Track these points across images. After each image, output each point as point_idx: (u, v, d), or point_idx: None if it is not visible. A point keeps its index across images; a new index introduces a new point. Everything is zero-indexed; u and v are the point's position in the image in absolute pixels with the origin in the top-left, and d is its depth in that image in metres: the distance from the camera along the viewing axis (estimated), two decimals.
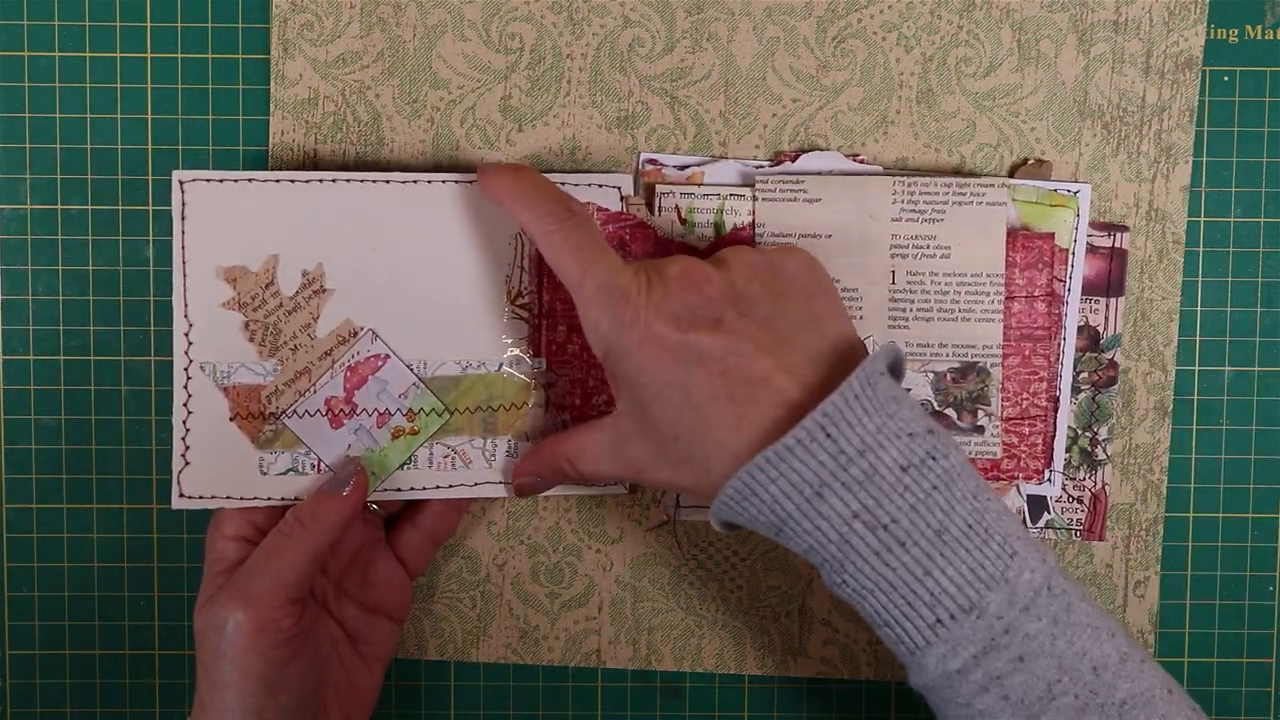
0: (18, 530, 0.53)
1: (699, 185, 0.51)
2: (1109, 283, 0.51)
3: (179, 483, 0.48)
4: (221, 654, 0.44)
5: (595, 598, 0.53)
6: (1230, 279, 0.53)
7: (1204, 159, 0.52)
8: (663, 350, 0.41)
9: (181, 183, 0.48)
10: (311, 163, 0.52)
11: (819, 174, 0.50)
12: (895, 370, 0.42)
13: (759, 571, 0.53)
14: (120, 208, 0.53)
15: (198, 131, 0.52)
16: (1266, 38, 0.52)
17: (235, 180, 0.48)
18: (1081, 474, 0.51)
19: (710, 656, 0.53)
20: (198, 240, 0.48)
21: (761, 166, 0.50)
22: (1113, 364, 0.51)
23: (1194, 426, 0.53)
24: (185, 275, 0.48)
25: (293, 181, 0.48)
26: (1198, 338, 0.53)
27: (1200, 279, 0.53)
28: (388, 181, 0.48)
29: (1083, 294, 0.51)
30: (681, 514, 0.52)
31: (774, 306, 0.42)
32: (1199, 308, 0.53)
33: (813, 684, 0.54)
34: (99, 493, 0.53)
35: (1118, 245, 0.51)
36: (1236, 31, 0.52)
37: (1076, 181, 0.51)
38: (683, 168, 0.51)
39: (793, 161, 0.50)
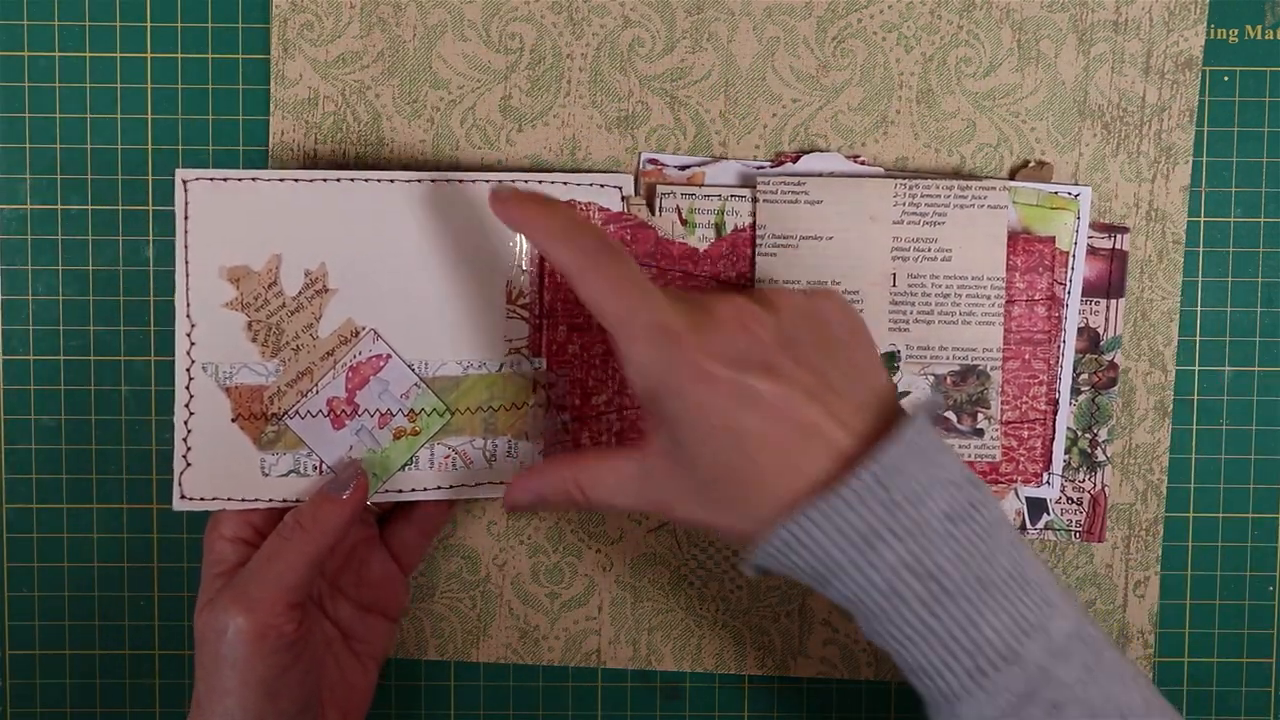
0: (18, 530, 0.53)
1: (700, 186, 0.51)
2: (1109, 284, 0.51)
3: (180, 484, 0.48)
4: (222, 658, 0.44)
5: (595, 598, 0.53)
6: (1230, 279, 0.53)
7: (1204, 159, 0.52)
8: (714, 392, 0.41)
9: (185, 181, 0.48)
10: (311, 162, 0.52)
11: (820, 175, 0.50)
12: (933, 417, 0.43)
13: None
14: (120, 208, 0.53)
15: (198, 131, 0.52)
16: (1266, 38, 0.52)
17: (239, 179, 0.48)
18: (1081, 475, 0.51)
19: (710, 656, 0.53)
20: (200, 240, 0.48)
21: (763, 167, 0.50)
22: (1113, 365, 0.51)
23: (1194, 426, 0.53)
24: (188, 275, 0.48)
25: (296, 181, 0.48)
26: (1198, 338, 0.53)
27: (1200, 279, 0.53)
28: (391, 181, 0.48)
29: (1083, 296, 0.51)
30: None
31: (820, 352, 0.42)
32: (1199, 308, 0.53)
33: (813, 684, 0.54)
34: (99, 493, 0.53)
35: (1118, 247, 0.51)
36: (1236, 31, 0.52)
37: (1077, 183, 0.51)
38: (683, 168, 0.50)
39: (793, 162, 0.50)
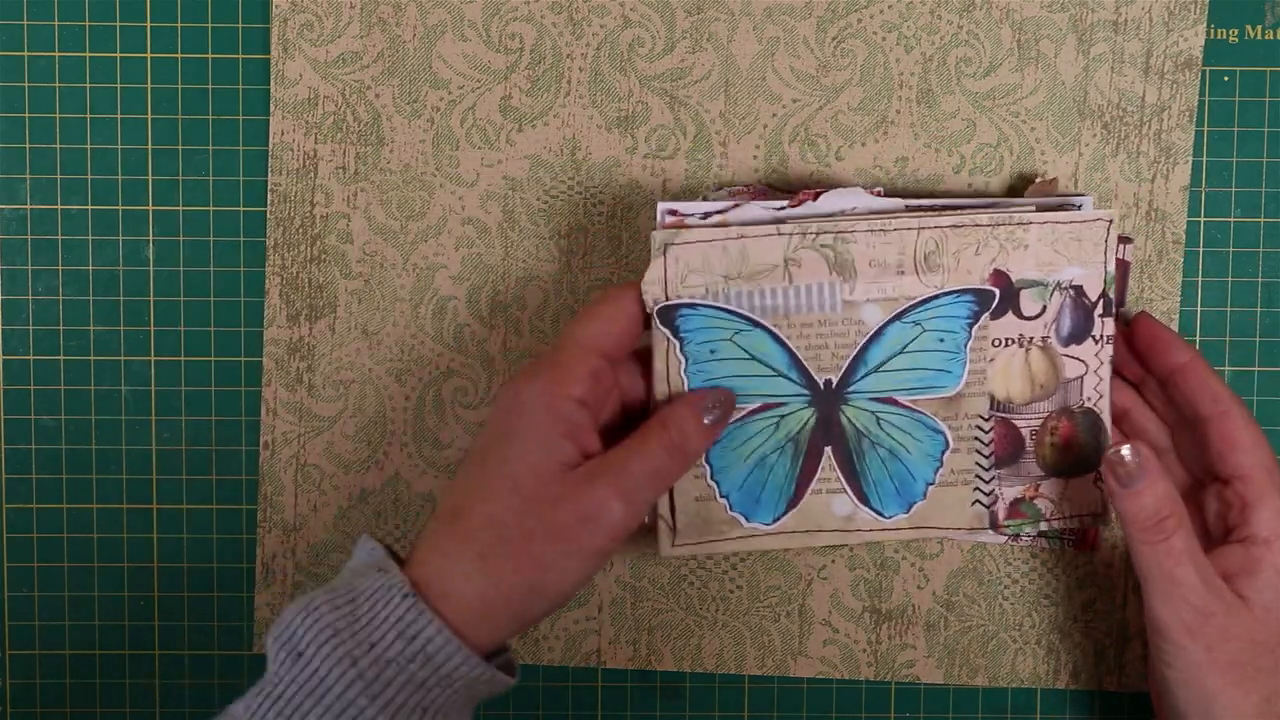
0: (18, 530, 0.53)
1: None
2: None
3: None
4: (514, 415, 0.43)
5: (595, 598, 0.53)
6: (1230, 279, 0.53)
7: (1204, 159, 0.52)
8: None
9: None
10: (312, 163, 0.52)
11: (845, 215, 0.47)
12: None
13: (759, 571, 0.53)
14: (120, 208, 0.53)
15: (198, 131, 0.52)
16: (1266, 38, 0.52)
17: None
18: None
19: (710, 656, 0.53)
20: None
21: (782, 207, 0.47)
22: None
23: None
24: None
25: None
26: (1198, 338, 0.53)
27: (1200, 279, 0.53)
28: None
29: None
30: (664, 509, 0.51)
31: None
32: (1199, 308, 0.53)
33: (813, 684, 0.54)
34: (99, 493, 0.53)
35: (1120, 257, 0.50)
36: (1236, 31, 0.52)
37: (1076, 185, 0.51)
38: (706, 215, 0.47)
39: (814, 200, 0.48)
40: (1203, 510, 0.48)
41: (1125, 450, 0.45)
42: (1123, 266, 0.51)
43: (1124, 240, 0.51)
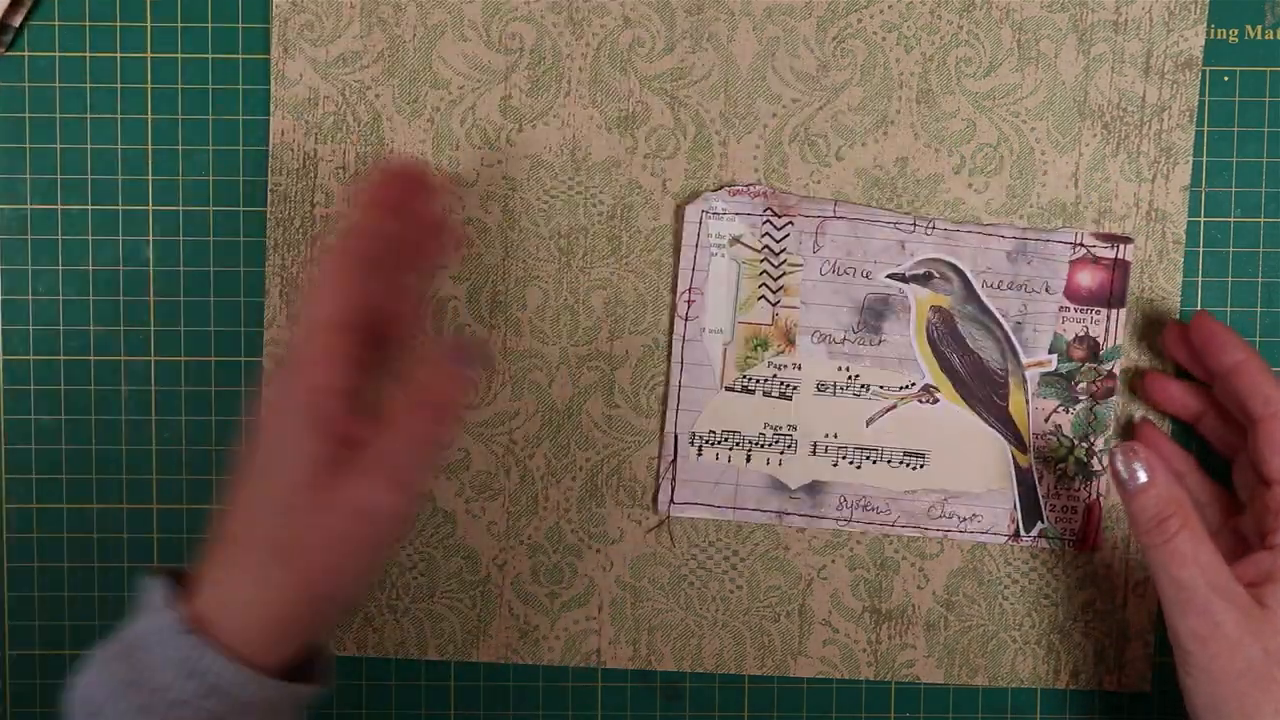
0: (18, 530, 0.53)
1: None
2: (1110, 294, 0.51)
3: None
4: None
5: (595, 598, 0.53)
6: (1230, 279, 0.53)
7: (1204, 159, 0.52)
8: None
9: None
10: (312, 163, 0.52)
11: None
12: None
13: (759, 571, 0.53)
14: (120, 208, 0.53)
15: (198, 131, 0.52)
16: (1266, 38, 0.52)
17: None
18: (1077, 484, 0.51)
19: (710, 656, 0.53)
20: None
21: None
22: (1111, 375, 0.51)
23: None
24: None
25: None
26: None
27: (1200, 279, 0.53)
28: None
29: (1083, 304, 0.51)
30: (675, 510, 0.52)
31: None
32: (1199, 308, 0.53)
33: (813, 684, 0.54)
34: (99, 493, 0.53)
35: (1120, 257, 0.51)
36: (1236, 31, 0.52)
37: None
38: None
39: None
40: (1255, 514, 0.48)
41: (1129, 451, 0.45)
42: (1123, 266, 0.51)
43: (1124, 240, 0.51)
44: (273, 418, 0.41)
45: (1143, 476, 0.45)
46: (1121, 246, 0.50)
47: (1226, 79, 0.52)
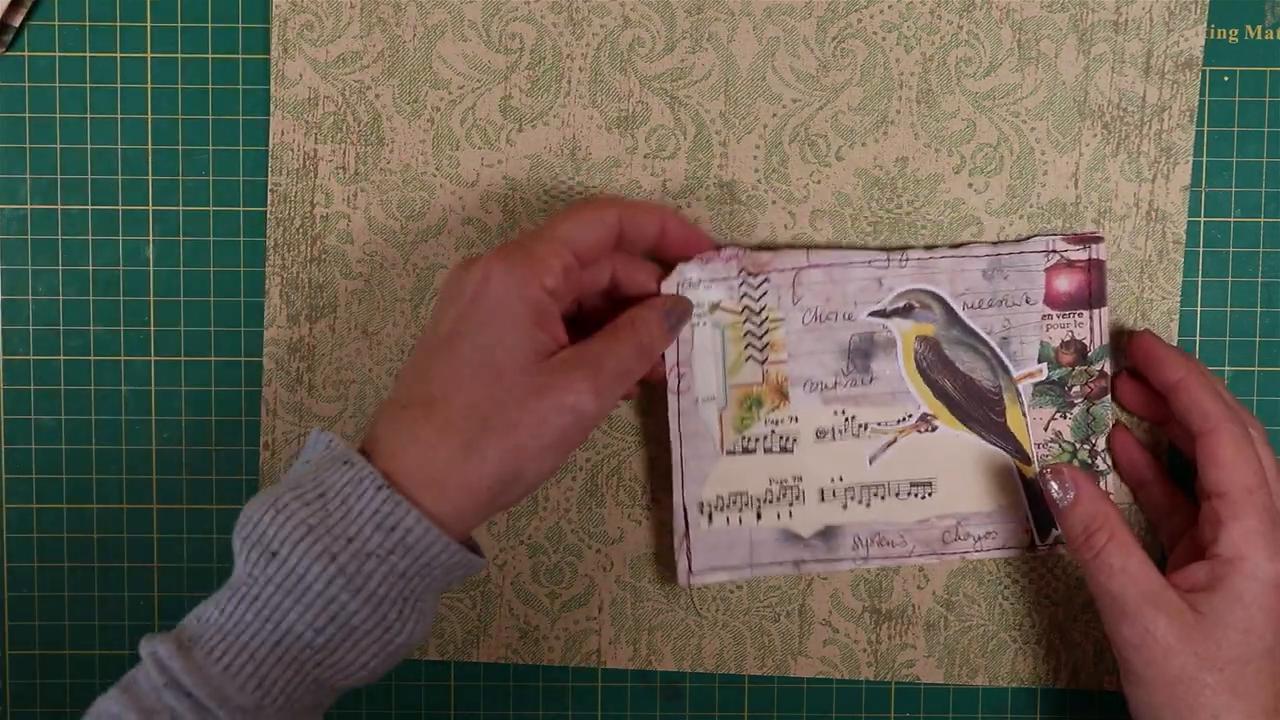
0: (18, 530, 0.53)
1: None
2: (1090, 295, 0.51)
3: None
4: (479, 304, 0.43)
5: (595, 598, 0.53)
6: (1230, 279, 0.53)
7: (1204, 159, 0.52)
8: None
9: None
10: (312, 163, 0.52)
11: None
12: None
13: None
14: (120, 208, 0.53)
15: (198, 131, 0.52)
16: (1266, 38, 0.52)
17: None
18: None
19: (710, 656, 0.53)
20: None
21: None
22: (1103, 374, 0.51)
23: None
24: None
25: None
26: (1198, 338, 0.53)
27: (1200, 279, 0.53)
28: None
29: (1065, 309, 0.51)
30: (694, 579, 0.51)
31: None
32: (1199, 308, 0.53)
33: (813, 684, 0.54)
34: (99, 493, 0.53)
35: (1094, 257, 0.50)
36: (1236, 31, 0.52)
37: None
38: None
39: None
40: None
41: (1053, 473, 0.47)
42: (1098, 265, 0.51)
43: (1094, 239, 0.51)
44: (493, 302, 0.43)
45: (1069, 493, 0.47)
46: (1093, 246, 0.50)
47: (1226, 79, 0.52)
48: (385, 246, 0.52)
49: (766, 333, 0.50)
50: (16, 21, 0.52)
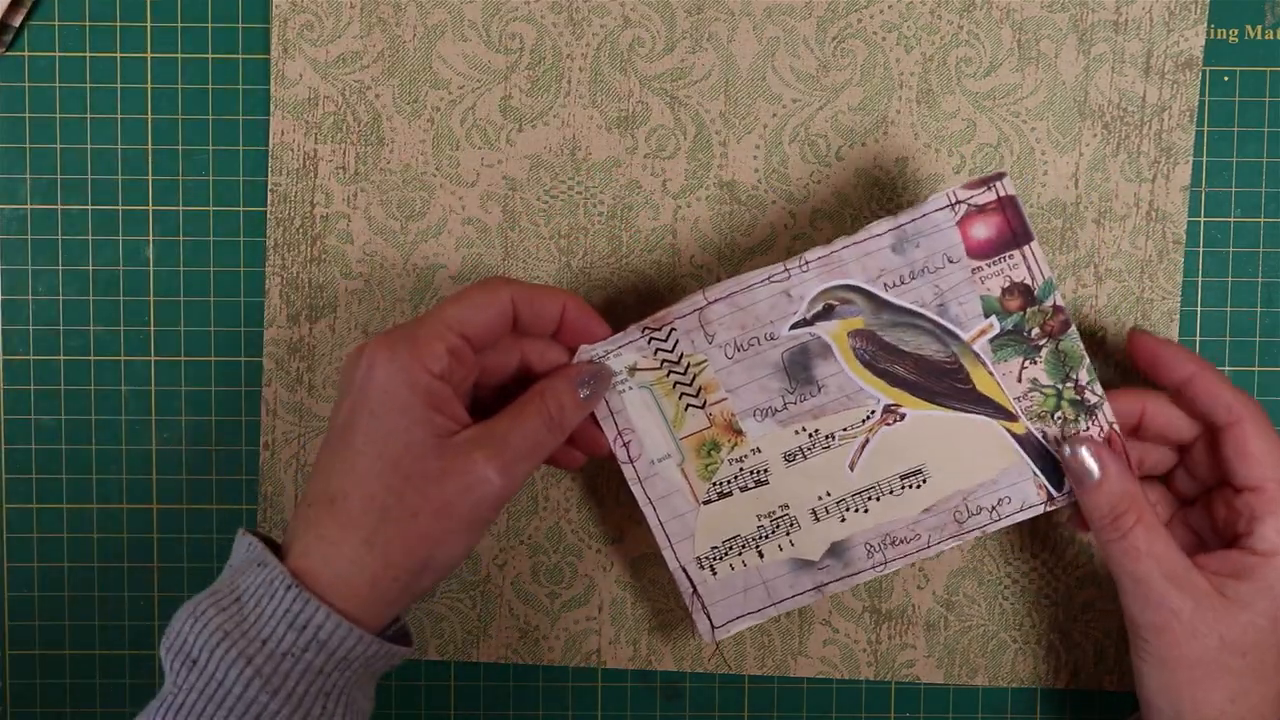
0: (18, 530, 0.53)
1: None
2: (1013, 233, 0.47)
3: None
4: (364, 394, 0.43)
5: (595, 598, 0.53)
6: (1230, 279, 0.53)
7: (1204, 159, 0.52)
8: None
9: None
10: (312, 163, 0.52)
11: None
12: None
13: None
14: (120, 208, 0.53)
15: (198, 131, 0.52)
16: (1266, 38, 0.52)
17: None
18: (1083, 424, 0.49)
19: (710, 656, 0.53)
20: None
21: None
22: (1058, 308, 0.48)
23: None
24: None
25: None
26: (1198, 338, 0.53)
27: (1200, 279, 0.53)
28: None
29: (992, 255, 0.48)
30: (719, 634, 0.50)
31: None
32: (1199, 308, 0.53)
33: (813, 684, 0.54)
34: (99, 493, 0.53)
35: (1002, 194, 0.47)
36: (1236, 31, 0.52)
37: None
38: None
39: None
40: (1212, 512, 0.48)
41: (1081, 449, 0.46)
42: (1010, 202, 0.47)
43: (995, 178, 0.47)
44: (380, 391, 0.42)
45: (1096, 472, 0.46)
46: (997, 184, 0.47)
47: (1226, 79, 0.52)
48: (385, 246, 0.52)
49: (694, 377, 0.49)
50: (16, 21, 0.52)
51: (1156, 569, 0.45)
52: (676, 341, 0.48)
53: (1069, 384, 0.48)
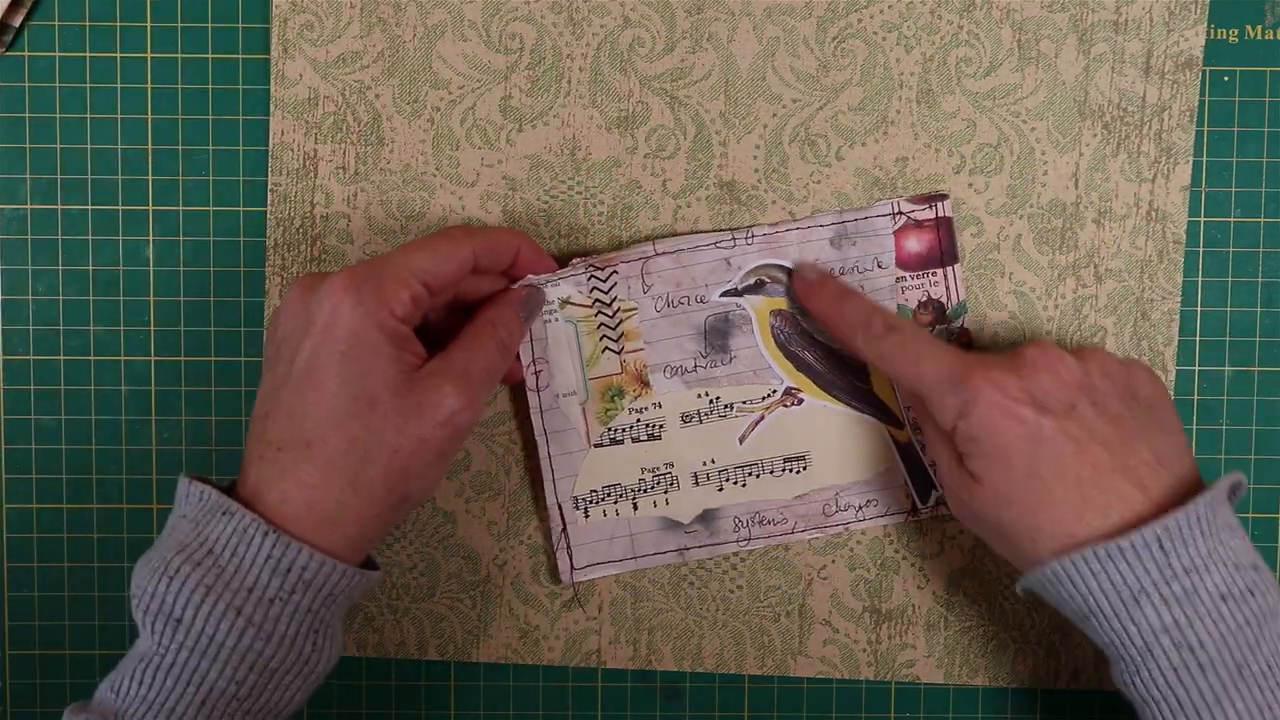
0: (18, 530, 0.53)
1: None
2: (941, 253, 0.51)
3: None
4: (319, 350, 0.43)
5: (595, 598, 0.53)
6: (1230, 279, 0.53)
7: (1204, 159, 0.52)
8: (1014, 420, 0.42)
9: None
10: (312, 163, 0.52)
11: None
12: (1233, 497, 0.43)
13: (759, 571, 0.53)
14: (120, 208, 0.53)
15: (198, 131, 0.52)
16: (1266, 38, 0.52)
17: None
18: None
19: (710, 656, 0.53)
20: None
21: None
22: (964, 330, 0.51)
23: (1194, 427, 0.53)
24: None
25: None
26: (1198, 338, 0.53)
27: (1200, 279, 0.53)
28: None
29: (917, 269, 0.50)
30: (577, 576, 0.51)
31: (1124, 409, 0.44)
32: (1199, 308, 0.53)
33: (813, 684, 0.54)
34: (99, 493, 0.53)
35: (941, 214, 0.50)
36: (1236, 31, 0.52)
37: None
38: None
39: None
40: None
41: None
42: (945, 223, 0.51)
43: (939, 198, 0.51)
44: (348, 335, 0.43)
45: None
46: (939, 204, 0.51)
47: (1226, 79, 0.52)
48: (385, 246, 0.52)
49: (620, 323, 0.50)
50: (16, 21, 0.52)
51: (947, 357, 0.44)
52: (615, 284, 0.50)
53: None
